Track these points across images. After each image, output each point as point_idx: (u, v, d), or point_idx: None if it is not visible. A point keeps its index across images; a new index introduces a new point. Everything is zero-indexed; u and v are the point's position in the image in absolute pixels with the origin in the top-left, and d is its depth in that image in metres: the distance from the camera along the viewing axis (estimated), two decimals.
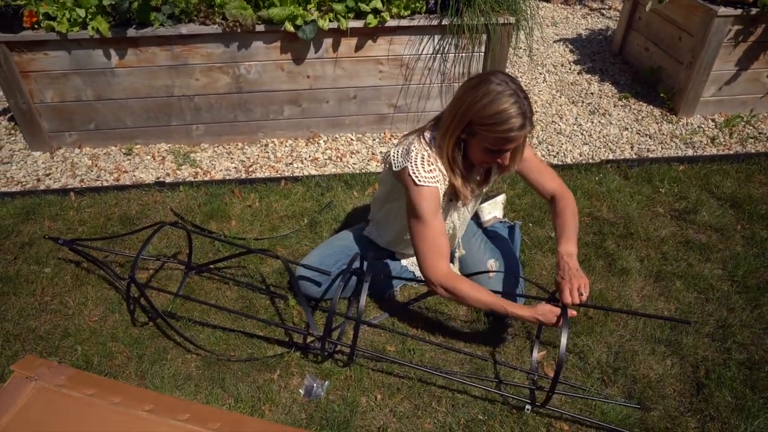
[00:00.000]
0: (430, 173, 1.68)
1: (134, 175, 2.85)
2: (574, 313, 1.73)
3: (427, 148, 1.71)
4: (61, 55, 2.68)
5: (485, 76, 1.58)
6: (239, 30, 2.70)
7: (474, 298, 1.70)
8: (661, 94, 3.49)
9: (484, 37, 2.91)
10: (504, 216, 2.44)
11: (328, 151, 3.06)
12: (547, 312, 1.69)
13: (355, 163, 2.98)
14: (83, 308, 2.09)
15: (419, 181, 1.67)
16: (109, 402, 1.22)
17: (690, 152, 3.13)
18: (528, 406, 1.75)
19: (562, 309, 1.69)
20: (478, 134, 1.60)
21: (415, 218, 1.71)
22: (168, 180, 2.81)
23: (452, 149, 1.67)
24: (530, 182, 1.93)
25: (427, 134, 1.74)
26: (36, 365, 1.23)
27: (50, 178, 2.81)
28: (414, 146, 1.71)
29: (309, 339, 1.91)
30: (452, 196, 1.81)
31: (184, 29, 2.67)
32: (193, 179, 2.82)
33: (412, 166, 1.67)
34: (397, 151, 1.76)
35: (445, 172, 1.72)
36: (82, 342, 1.96)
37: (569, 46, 4.31)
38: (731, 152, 3.13)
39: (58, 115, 2.88)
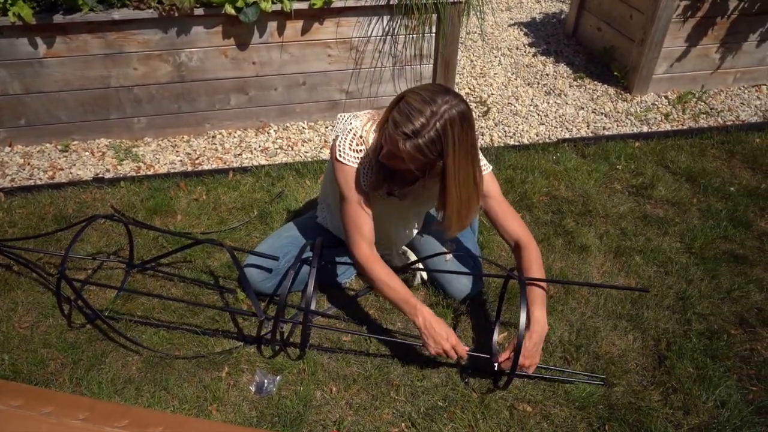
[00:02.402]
0: (354, 152, 1.62)
1: (71, 173, 2.67)
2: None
3: (368, 130, 1.63)
4: None
5: (435, 91, 1.42)
6: (177, 14, 2.55)
7: (384, 282, 1.63)
8: (615, 73, 3.48)
9: (435, 16, 2.83)
10: None
11: (279, 141, 2.94)
12: (439, 340, 1.59)
13: (307, 152, 2.86)
14: (12, 314, 1.92)
15: (339, 156, 1.62)
16: (39, 412, 1.11)
17: (645, 129, 3.13)
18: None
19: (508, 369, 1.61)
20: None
21: (339, 194, 1.67)
22: (108, 176, 2.64)
23: (379, 143, 1.56)
24: (493, 221, 1.78)
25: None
26: None
27: None
28: (358, 122, 1.64)
29: (263, 331, 1.80)
30: (391, 190, 1.73)
31: (116, 14, 2.51)
32: (135, 174, 2.66)
33: (340, 140, 1.62)
34: (344, 116, 1.70)
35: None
36: (9, 351, 1.80)
37: (524, 29, 4.28)
38: (685, 128, 3.14)
39: None
